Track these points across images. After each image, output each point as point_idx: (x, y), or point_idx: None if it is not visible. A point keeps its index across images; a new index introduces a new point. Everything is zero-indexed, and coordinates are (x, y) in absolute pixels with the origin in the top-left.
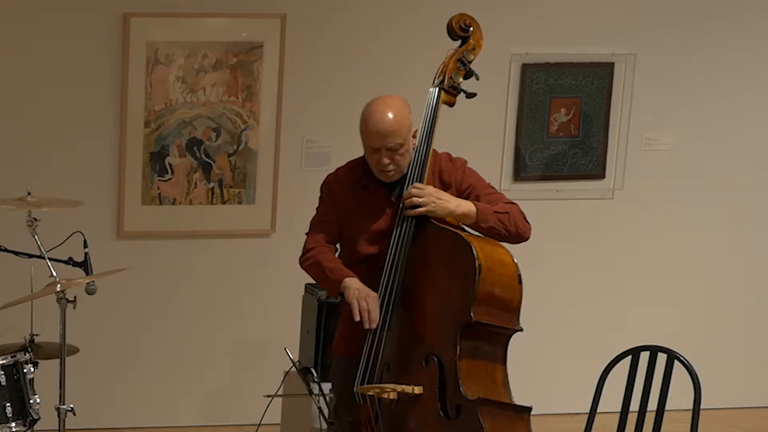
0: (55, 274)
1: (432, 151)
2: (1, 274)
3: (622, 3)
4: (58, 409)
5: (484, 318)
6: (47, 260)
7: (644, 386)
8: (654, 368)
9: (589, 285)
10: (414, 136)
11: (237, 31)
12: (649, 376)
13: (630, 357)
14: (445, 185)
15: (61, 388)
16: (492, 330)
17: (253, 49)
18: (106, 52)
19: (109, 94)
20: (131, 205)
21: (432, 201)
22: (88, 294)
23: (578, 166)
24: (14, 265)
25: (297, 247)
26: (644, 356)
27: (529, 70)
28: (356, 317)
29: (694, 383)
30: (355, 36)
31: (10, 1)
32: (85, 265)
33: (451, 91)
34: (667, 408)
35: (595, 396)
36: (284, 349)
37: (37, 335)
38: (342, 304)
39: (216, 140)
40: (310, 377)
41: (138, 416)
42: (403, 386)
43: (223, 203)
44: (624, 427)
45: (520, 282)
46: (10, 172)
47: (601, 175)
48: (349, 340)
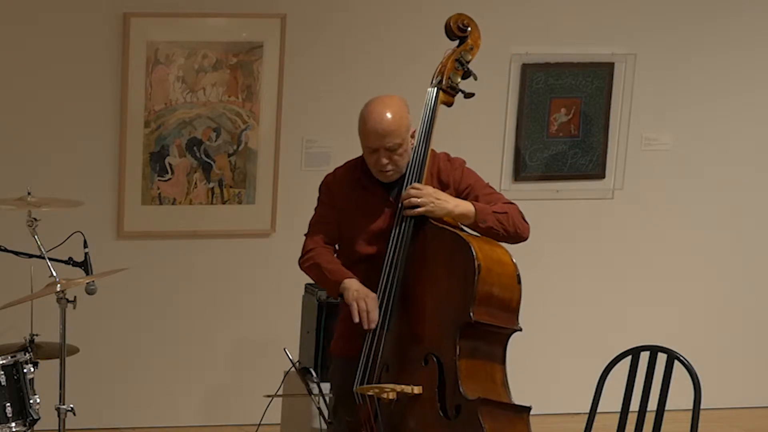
0: (55, 274)
1: (430, 151)
2: (1, 274)
3: (622, 3)
4: (58, 409)
5: (484, 318)
6: (47, 260)
7: (644, 386)
8: (654, 368)
9: (589, 285)
10: (412, 136)
11: (237, 31)
12: (649, 376)
13: (630, 357)
14: (444, 185)
15: (61, 388)
16: (491, 330)
17: (253, 49)
18: (106, 52)
19: (109, 94)
20: (131, 205)
21: (431, 201)
22: (88, 294)
23: (578, 166)
24: (14, 265)
25: (297, 247)
26: (644, 356)
27: (529, 70)
28: (355, 318)
29: (694, 383)
30: (355, 36)
31: (10, 1)
32: (85, 265)
33: (449, 91)
34: (667, 408)
35: (595, 396)
36: (284, 349)
37: (37, 335)
38: (340, 304)
39: (216, 140)
40: (309, 377)
41: (138, 416)
42: (403, 386)
43: (223, 203)
44: (624, 427)
45: (519, 282)
46: (10, 172)
47: (601, 175)
48: (347, 340)
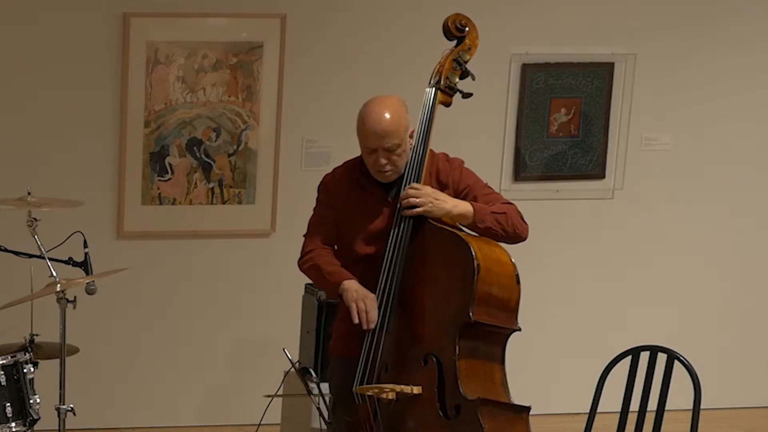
0: (55, 274)
1: (429, 152)
2: (1, 274)
3: (622, 3)
4: (58, 409)
5: (483, 318)
6: (47, 260)
7: (644, 386)
8: (654, 368)
9: (589, 285)
10: (411, 137)
11: (237, 31)
12: (649, 376)
13: (630, 357)
14: (443, 185)
15: (61, 388)
16: (490, 330)
17: (253, 49)
18: (106, 52)
19: (109, 94)
20: (131, 205)
21: (429, 201)
22: (88, 294)
23: (578, 166)
24: (14, 265)
25: (297, 247)
26: (644, 356)
27: (529, 70)
28: (355, 319)
29: (694, 383)
30: (355, 36)
31: (10, 1)
32: (85, 265)
33: (447, 91)
34: (667, 408)
35: (595, 396)
36: (283, 349)
37: (37, 335)
38: (339, 304)
39: (216, 140)
40: (309, 377)
41: (138, 416)
42: (402, 386)
43: (223, 203)
44: (624, 427)
45: (518, 282)
46: (10, 172)
47: (601, 175)
48: (346, 340)
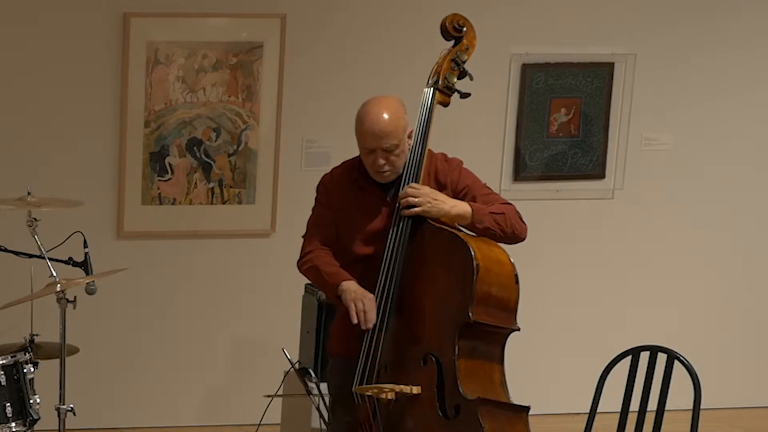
0: (55, 274)
1: (428, 152)
2: (1, 274)
3: (622, 3)
4: (58, 409)
5: (483, 318)
6: (47, 260)
7: (644, 386)
8: (654, 368)
9: (589, 285)
10: (409, 137)
11: (237, 31)
12: (649, 376)
13: (630, 357)
14: (441, 186)
15: (61, 388)
16: (490, 330)
17: (253, 49)
18: (106, 52)
19: (109, 94)
20: (131, 205)
21: (427, 201)
22: (88, 294)
23: (578, 166)
24: (14, 265)
25: (297, 247)
26: (644, 356)
27: (529, 70)
28: (353, 319)
29: (694, 383)
30: (355, 36)
31: (10, 1)
32: (85, 265)
33: (445, 91)
34: (667, 408)
35: (595, 396)
36: (282, 349)
37: (37, 335)
38: (337, 304)
39: (216, 140)
40: (308, 378)
41: (138, 416)
42: (402, 386)
43: (223, 203)
44: (624, 427)
45: (517, 281)
46: (10, 172)
47: (601, 175)
48: (345, 340)
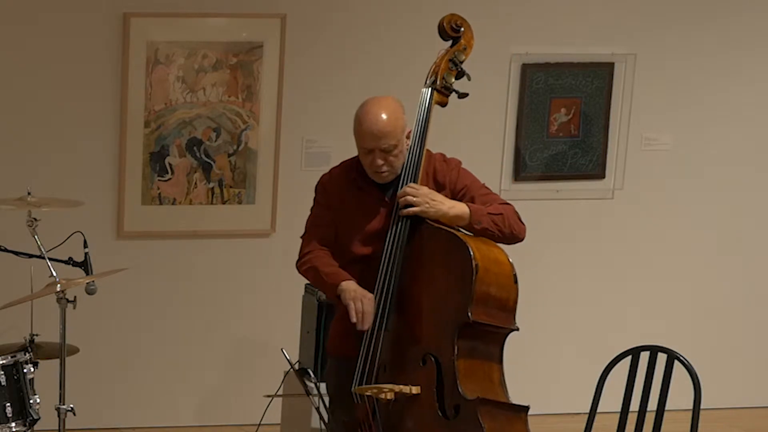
0: (55, 274)
1: (426, 152)
2: (1, 274)
3: (622, 3)
4: (58, 409)
5: (482, 318)
6: (47, 260)
7: (644, 386)
8: (654, 368)
9: (589, 285)
10: (408, 137)
11: (237, 31)
12: (649, 376)
13: (630, 357)
14: (440, 186)
15: (61, 388)
16: (489, 330)
17: (253, 49)
18: (106, 52)
19: (109, 94)
20: (131, 205)
21: (426, 201)
22: (88, 294)
23: (578, 166)
24: (14, 265)
25: (297, 247)
26: (644, 356)
27: (529, 70)
28: (353, 319)
29: (694, 383)
30: (355, 36)
31: (10, 1)
32: (85, 265)
33: (443, 92)
34: (667, 408)
35: (595, 396)
36: (281, 350)
37: (37, 335)
38: (336, 304)
39: (216, 140)
40: (307, 378)
41: (138, 416)
42: (401, 386)
43: (223, 203)
44: (624, 427)
45: (516, 281)
46: (10, 172)
47: (601, 175)
48: (343, 340)
